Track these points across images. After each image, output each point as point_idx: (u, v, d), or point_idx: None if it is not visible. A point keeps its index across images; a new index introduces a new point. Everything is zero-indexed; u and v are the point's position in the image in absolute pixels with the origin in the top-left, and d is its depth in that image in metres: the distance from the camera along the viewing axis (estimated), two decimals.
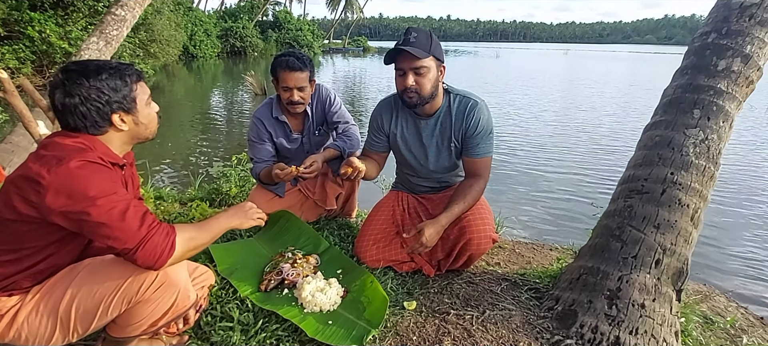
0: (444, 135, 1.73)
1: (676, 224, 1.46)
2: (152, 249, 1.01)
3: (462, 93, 1.71)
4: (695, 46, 1.68)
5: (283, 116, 2.05)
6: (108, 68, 1.09)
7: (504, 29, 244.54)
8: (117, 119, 1.10)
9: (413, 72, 1.54)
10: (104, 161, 1.05)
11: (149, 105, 1.18)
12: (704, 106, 1.55)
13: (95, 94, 1.05)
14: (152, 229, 1.02)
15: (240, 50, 29.86)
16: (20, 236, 1.03)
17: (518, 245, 2.44)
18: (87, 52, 3.99)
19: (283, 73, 1.88)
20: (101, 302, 1.07)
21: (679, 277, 1.45)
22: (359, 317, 1.46)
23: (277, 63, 1.90)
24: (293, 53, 1.91)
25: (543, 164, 5.93)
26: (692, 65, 1.64)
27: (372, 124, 1.86)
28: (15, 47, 9.87)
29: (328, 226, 2.25)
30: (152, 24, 15.27)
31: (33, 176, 0.96)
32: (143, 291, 1.08)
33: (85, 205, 0.96)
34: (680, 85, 1.64)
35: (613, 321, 1.39)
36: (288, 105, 1.96)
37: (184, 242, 1.07)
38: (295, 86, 1.89)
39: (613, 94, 13.77)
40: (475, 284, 1.78)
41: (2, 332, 1.07)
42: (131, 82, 1.12)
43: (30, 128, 2.22)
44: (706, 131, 1.53)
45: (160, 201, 2.78)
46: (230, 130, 8.22)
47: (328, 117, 2.11)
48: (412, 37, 1.53)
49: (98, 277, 1.08)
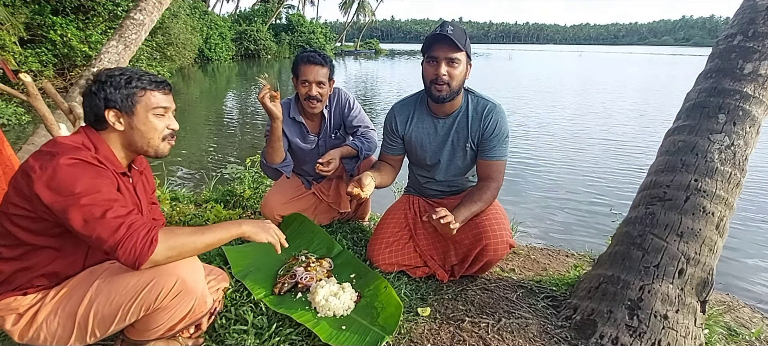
0: (460, 135, 1.71)
1: (700, 233, 1.41)
2: (132, 247, 1.00)
3: (480, 94, 1.70)
4: (720, 48, 1.63)
5: (300, 117, 2.05)
6: (124, 72, 1.14)
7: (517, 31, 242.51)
8: (111, 116, 1.12)
9: (447, 62, 1.53)
10: (99, 163, 1.07)
11: (157, 117, 1.17)
12: (730, 110, 1.50)
13: (98, 88, 1.11)
14: (133, 227, 1.01)
15: (254, 53, 30.25)
16: (17, 231, 1.05)
17: (533, 251, 2.40)
18: (106, 55, 4.09)
19: (303, 66, 1.90)
20: (119, 309, 1.08)
21: (703, 287, 1.40)
22: (373, 323, 1.44)
23: (299, 58, 1.93)
24: (315, 49, 1.95)
25: (557, 168, 5.83)
26: (717, 68, 1.59)
27: (386, 127, 1.85)
28: (37, 51, 10.19)
29: (341, 229, 2.24)
30: (169, 28, 15.60)
31: (27, 170, 1.00)
32: (161, 299, 1.09)
33: (69, 201, 0.98)
34: (704, 89, 1.60)
35: (635, 332, 1.35)
36: (306, 100, 1.95)
37: (168, 243, 1.04)
38: (314, 80, 1.90)
39: (629, 96, 13.50)
40: (490, 291, 1.75)
41: (22, 331, 1.10)
42: (137, 87, 1.14)
43: (52, 131, 2.27)
44: (732, 136, 1.48)
45: (175, 202, 2.82)
46: (244, 132, 8.32)
47: (347, 122, 2.10)
48: (449, 29, 1.52)
49: (117, 284, 1.09)
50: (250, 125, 9.04)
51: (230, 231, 1.18)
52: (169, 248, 1.05)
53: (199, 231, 1.12)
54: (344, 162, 2.12)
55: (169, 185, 3.88)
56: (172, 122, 1.22)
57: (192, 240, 1.10)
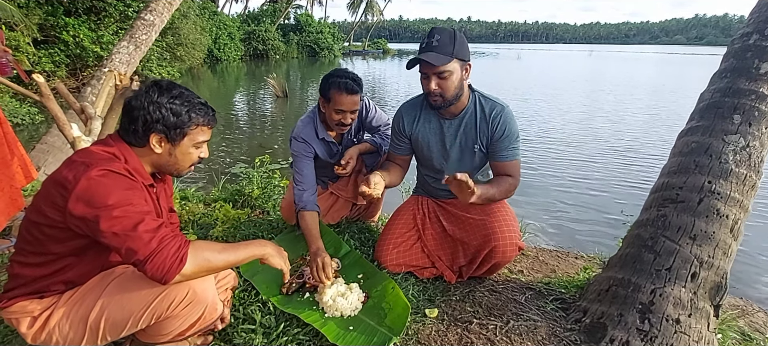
0: (468, 137, 1.70)
1: (714, 236, 1.39)
2: (161, 262, 1.00)
3: (488, 96, 1.68)
4: (735, 47, 1.59)
5: (328, 136, 1.98)
6: (183, 98, 1.12)
7: (526, 30, 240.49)
8: (154, 140, 1.12)
9: (436, 76, 1.53)
10: (131, 175, 1.08)
11: (198, 149, 1.19)
12: (745, 111, 1.46)
13: (153, 108, 1.09)
14: (164, 242, 1.01)
15: (262, 53, 30.44)
16: (45, 240, 1.06)
17: (542, 253, 2.38)
18: (118, 56, 4.15)
19: (339, 96, 1.77)
20: (131, 316, 1.10)
21: (717, 292, 1.37)
22: (380, 324, 1.44)
23: (333, 84, 1.78)
24: (349, 75, 1.79)
25: (567, 169, 5.78)
26: (732, 68, 1.56)
27: (394, 127, 1.85)
28: (51, 51, 10.37)
29: (349, 229, 2.25)
30: (179, 28, 15.77)
31: (61, 181, 1.01)
32: (173, 308, 1.10)
33: (101, 212, 0.98)
34: (719, 89, 1.56)
35: (646, 336, 1.33)
36: (337, 126, 1.87)
37: (197, 260, 1.05)
38: (349, 110, 1.80)
39: (640, 97, 13.30)
40: (498, 293, 1.74)
41: (35, 334, 1.12)
42: (192, 121, 1.14)
43: (64, 131, 2.31)
44: (748, 138, 1.44)
45: (185, 201, 2.85)
46: (252, 132, 8.38)
47: (367, 124, 2.08)
48: (434, 40, 1.51)
49: (129, 292, 1.10)
50: (259, 125, 9.10)
51: (253, 251, 1.21)
52: (196, 266, 1.05)
53: (225, 249, 1.14)
54: (365, 158, 2.10)
55: (178, 184, 3.92)
56: (205, 152, 1.23)
57: (218, 258, 1.10)
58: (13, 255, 1.12)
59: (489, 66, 29.31)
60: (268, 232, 2.22)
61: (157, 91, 1.10)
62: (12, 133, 2.21)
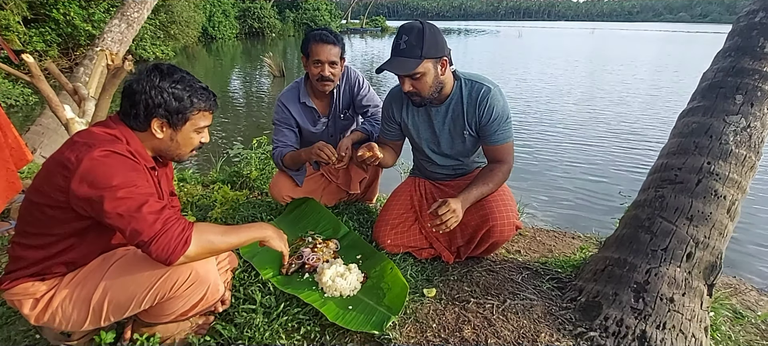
0: (456, 123, 1.68)
1: (711, 216, 1.39)
2: (166, 244, 1.01)
3: (473, 79, 1.64)
4: (740, 25, 1.56)
5: (310, 101, 2.01)
6: (184, 82, 1.11)
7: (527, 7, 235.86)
8: (156, 125, 1.12)
9: (408, 79, 1.51)
10: (133, 156, 1.07)
11: (199, 134, 1.20)
12: (748, 91, 1.45)
13: (154, 93, 1.08)
14: (168, 224, 1.02)
15: (258, 31, 29.88)
16: (47, 221, 1.06)
17: (539, 233, 2.40)
18: (110, 34, 4.06)
19: (315, 46, 1.84)
20: (134, 297, 1.11)
21: (711, 271, 1.39)
22: (379, 303, 1.46)
23: (310, 36, 1.87)
24: (326, 28, 1.89)
25: (566, 149, 5.77)
26: (736, 47, 1.54)
27: (384, 113, 1.83)
28: (41, 30, 10.15)
29: (347, 211, 2.25)
30: (172, 5, 15.41)
31: (63, 161, 1.00)
32: (176, 289, 1.12)
33: (105, 193, 0.98)
34: (722, 69, 1.54)
35: (640, 315, 1.35)
36: (318, 81, 1.91)
37: (200, 242, 1.06)
38: (327, 60, 1.85)
39: (642, 77, 13.17)
40: (495, 272, 1.76)
41: (38, 315, 1.13)
42: (194, 106, 1.14)
43: (57, 112, 2.28)
44: (749, 118, 1.43)
45: (183, 183, 2.84)
46: (249, 112, 8.31)
47: (357, 101, 2.07)
48: (402, 42, 1.47)
49: (132, 273, 1.11)
50: (256, 105, 9.02)
51: (254, 234, 1.24)
52: (200, 247, 1.06)
53: (227, 231, 1.15)
54: (357, 147, 2.10)
55: (176, 165, 3.91)
56: (206, 137, 1.23)
57: (221, 240, 1.12)
58: (14, 237, 1.12)
59: (489, 45, 28.88)
60: (266, 213, 2.23)
61: (159, 75, 1.09)
62: (5, 117, 2.18)
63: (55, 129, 3.82)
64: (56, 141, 3.77)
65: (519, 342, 1.35)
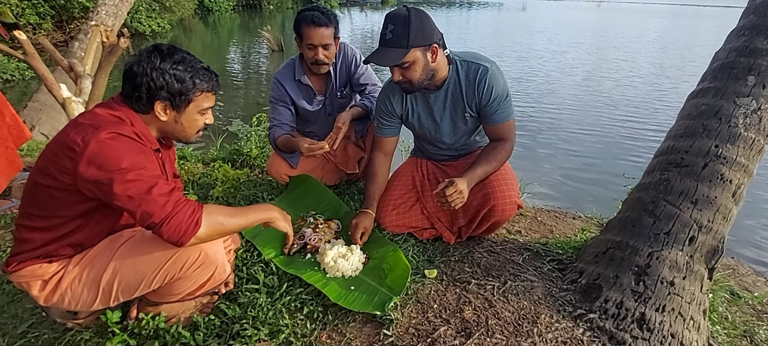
0: (456, 106, 1.65)
1: (715, 201, 1.38)
2: (177, 225, 1.02)
3: (469, 59, 1.60)
4: (756, 3, 1.50)
5: (306, 79, 1.98)
6: (186, 63, 1.10)
7: None
8: (159, 108, 1.10)
9: (398, 68, 1.47)
10: (139, 138, 1.06)
11: (203, 115, 1.19)
12: (761, 72, 1.41)
13: (156, 74, 1.06)
14: (178, 206, 1.03)
15: (255, 3, 29.01)
16: (53, 203, 1.05)
17: (540, 213, 2.40)
18: (104, 7, 3.95)
19: (307, 29, 1.79)
20: (144, 278, 1.12)
21: (713, 255, 1.39)
22: (381, 284, 1.48)
23: (301, 18, 1.81)
24: (317, 8, 1.82)
25: (569, 129, 5.70)
26: (751, 25, 1.48)
27: (380, 107, 1.78)
28: (34, 2, 9.87)
29: (348, 191, 2.25)
30: None
31: (69, 144, 0.99)
32: (185, 269, 1.13)
33: (114, 176, 0.97)
34: (735, 48, 1.50)
35: (640, 298, 1.36)
36: (313, 65, 1.88)
37: (210, 224, 1.08)
38: (320, 44, 1.81)
39: (650, 54, 12.88)
40: (496, 253, 1.77)
41: (47, 296, 1.14)
42: (197, 87, 1.13)
43: (53, 91, 2.24)
44: (760, 100, 1.40)
45: (183, 161, 2.83)
46: (248, 88, 8.19)
47: (354, 79, 2.03)
48: (388, 32, 1.43)
49: (141, 254, 1.12)
50: (255, 81, 8.88)
51: (261, 215, 1.27)
52: (210, 228, 1.08)
53: (235, 213, 1.17)
54: (353, 123, 2.07)
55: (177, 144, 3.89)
56: (210, 118, 1.22)
57: (230, 221, 1.14)
58: (20, 219, 1.12)
59: (493, 18, 28.18)
60: (268, 192, 2.23)
61: (159, 56, 1.07)
62: (1, 95, 2.15)
63: (53, 105, 3.76)
64: (54, 117, 3.73)
65: (519, 323, 1.37)
